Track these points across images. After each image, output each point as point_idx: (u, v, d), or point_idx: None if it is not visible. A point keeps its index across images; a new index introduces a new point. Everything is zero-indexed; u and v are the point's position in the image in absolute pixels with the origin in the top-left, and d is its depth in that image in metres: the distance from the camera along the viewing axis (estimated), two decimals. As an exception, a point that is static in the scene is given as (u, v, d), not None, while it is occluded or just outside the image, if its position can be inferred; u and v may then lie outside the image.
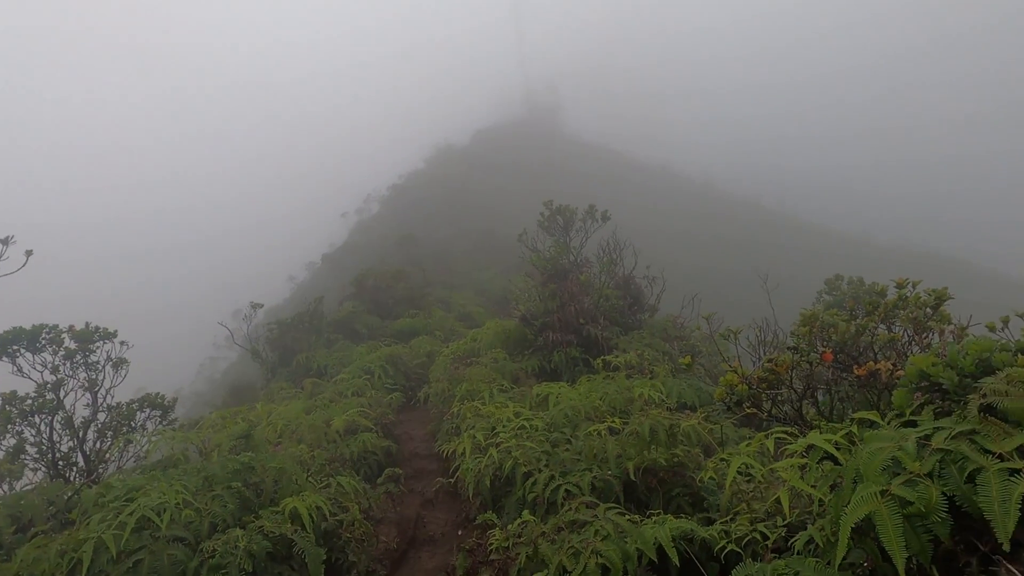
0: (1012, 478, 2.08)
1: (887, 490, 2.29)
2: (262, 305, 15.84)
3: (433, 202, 42.22)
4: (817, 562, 2.81)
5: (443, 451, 7.05)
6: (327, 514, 4.54)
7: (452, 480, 6.45)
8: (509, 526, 4.37)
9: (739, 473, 4.25)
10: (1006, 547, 2.01)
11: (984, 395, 2.29)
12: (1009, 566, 2.03)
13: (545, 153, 56.45)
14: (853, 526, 2.52)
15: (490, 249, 30.20)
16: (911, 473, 2.30)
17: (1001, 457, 2.16)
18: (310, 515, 4.25)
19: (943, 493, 2.20)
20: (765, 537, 3.53)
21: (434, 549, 6.13)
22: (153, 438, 6.27)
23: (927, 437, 2.40)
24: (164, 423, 7.18)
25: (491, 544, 4.28)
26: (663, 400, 6.57)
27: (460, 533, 5.99)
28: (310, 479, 5.35)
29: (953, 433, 2.31)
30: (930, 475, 2.26)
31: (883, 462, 2.42)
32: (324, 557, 4.15)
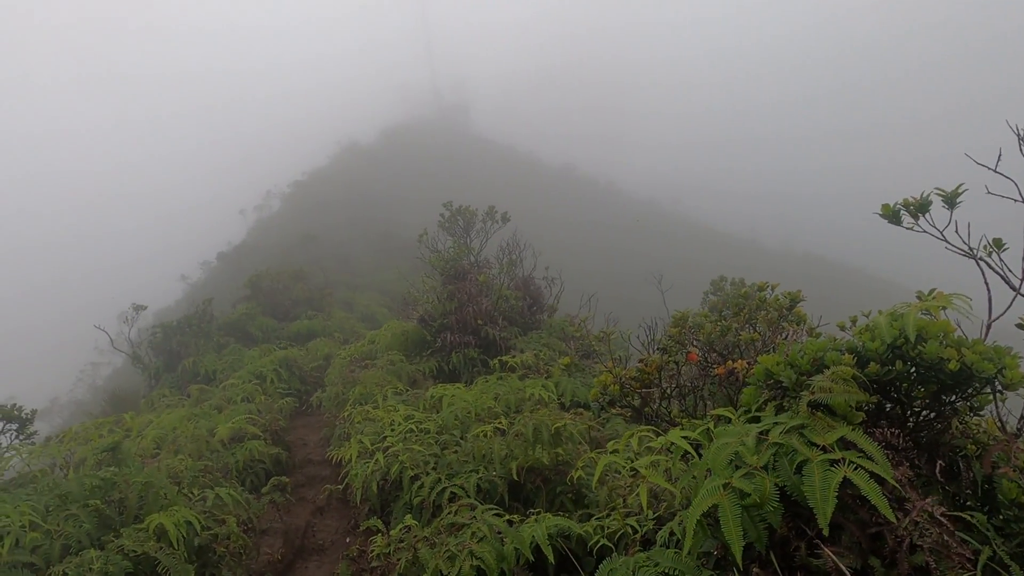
0: (832, 468, 2.28)
1: (729, 483, 2.45)
2: (145, 307, 14.88)
3: (337, 201, 41.14)
4: (676, 553, 2.96)
5: (334, 457, 6.89)
6: (199, 529, 4.32)
7: (342, 486, 6.32)
8: (392, 531, 4.33)
9: (617, 471, 4.42)
10: (825, 532, 2.20)
11: (813, 392, 2.49)
12: (827, 549, 2.22)
13: (451, 152, 56.29)
14: (709, 517, 2.69)
15: (394, 249, 29.76)
16: (750, 466, 2.47)
17: (824, 449, 2.35)
18: (178, 531, 4.03)
19: (776, 484, 2.37)
20: (636, 531, 3.69)
21: (322, 558, 5.98)
22: (7, 454, 5.74)
23: (766, 432, 2.58)
24: (22, 437, 6.59)
25: (373, 551, 4.22)
26: (555, 399, 6.70)
27: (348, 540, 5.88)
28: (183, 492, 5.07)
29: (787, 428, 2.49)
30: (765, 467, 2.43)
31: (728, 456, 2.58)
32: (193, 574, 3.95)
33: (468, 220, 12.33)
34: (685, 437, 3.02)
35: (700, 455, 3.07)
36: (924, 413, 2.87)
